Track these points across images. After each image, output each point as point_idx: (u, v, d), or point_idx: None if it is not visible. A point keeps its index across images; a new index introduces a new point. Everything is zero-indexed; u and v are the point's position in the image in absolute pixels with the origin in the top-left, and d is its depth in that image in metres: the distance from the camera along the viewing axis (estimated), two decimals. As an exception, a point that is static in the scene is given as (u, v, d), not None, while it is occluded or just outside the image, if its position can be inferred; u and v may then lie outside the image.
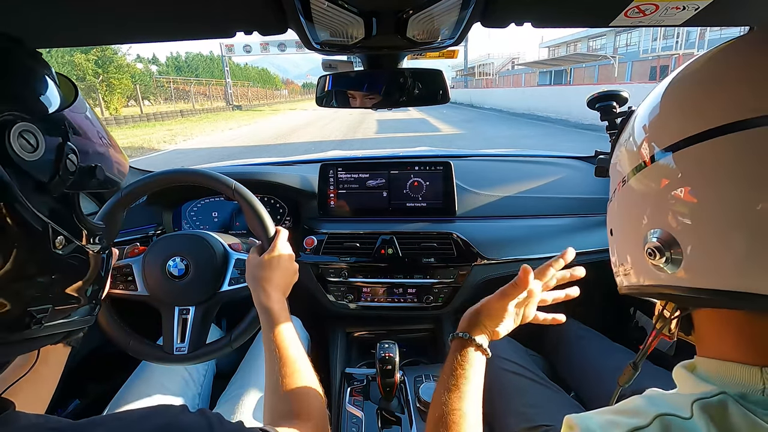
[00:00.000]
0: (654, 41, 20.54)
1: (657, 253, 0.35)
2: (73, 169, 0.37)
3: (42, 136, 0.34)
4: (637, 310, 1.30)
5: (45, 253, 0.35)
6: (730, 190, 0.30)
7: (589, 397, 0.89)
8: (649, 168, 0.36)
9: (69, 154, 0.36)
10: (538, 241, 1.11)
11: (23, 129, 0.32)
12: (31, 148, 0.33)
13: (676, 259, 0.34)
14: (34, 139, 0.33)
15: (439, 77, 0.75)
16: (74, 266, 0.38)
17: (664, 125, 0.36)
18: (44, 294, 0.35)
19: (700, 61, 0.37)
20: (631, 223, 0.40)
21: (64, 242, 0.36)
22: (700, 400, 0.32)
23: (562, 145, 7.89)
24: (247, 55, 29.63)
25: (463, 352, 0.55)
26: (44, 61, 0.40)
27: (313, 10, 0.43)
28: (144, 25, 0.48)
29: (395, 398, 0.92)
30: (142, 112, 20.93)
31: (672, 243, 0.34)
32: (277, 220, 1.24)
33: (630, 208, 0.40)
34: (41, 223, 0.34)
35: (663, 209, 0.35)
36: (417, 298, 1.11)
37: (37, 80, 0.37)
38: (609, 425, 0.34)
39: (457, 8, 0.45)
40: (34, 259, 0.34)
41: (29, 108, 0.34)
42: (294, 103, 44.26)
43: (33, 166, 0.33)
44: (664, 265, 0.35)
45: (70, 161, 0.36)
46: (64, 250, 0.36)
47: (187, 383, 0.86)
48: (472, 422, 0.49)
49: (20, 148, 0.32)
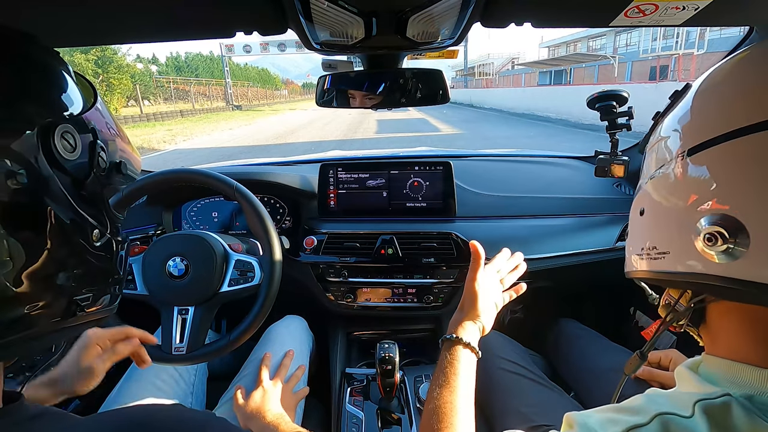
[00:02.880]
0: (654, 41, 20.52)
1: (718, 239, 0.32)
2: (104, 165, 0.39)
3: (78, 136, 0.36)
4: (637, 310, 1.30)
5: (86, 246, 0.36)
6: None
7: (589, 397, 0.89)
8: (724, 146, 0.33)
9: (100, 152, 0.38)
10: (538, 241, 1.11)
11: (64, 131, 0.34)
12: (71, 148, 0.35)
13: (739, 249, 0.31)
14: (73, 139, 0.35)
15: (439, 77, 0.75)
16: (106, 257, 0.40)
17: (757, 97, 0.33)
18: (85, 283, 0.37)
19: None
20: (681, 204, 0.36)
21: (98, 235, 0.38)
22: (703, 400, 0.32)
23: (562, 145, 7.89)
24: (247, 55, 29.63)
25: (452, 351, 0.58)
26: (64, 61, 0.40)
27: (313, 10, 0.43)
28: (144, 26, 0.48)
29: (395, 398, 0.92)
30: (142, 112, 20.91)
31: (739, 229, 0.31)
32: (277, 220, 1.24)
33: (684, 186, 0.36)
34: (82, 218, 0.36)
35: (734, 191, 0.32)
36: (417, 298, 1.11)
37: (64, 82, 0.38)
38: (608, 423, 0.34)
39: (457, 8, 0.45)
40: (77, 251, 0.36)
41: (63, 110, 0.36)
42: (294, 103, 44.25)
43: (74, 165, 0.35)
44: (718, 254, 0.32)
45: (101, 158, 0.38)
46: (99, 242, 0.38)
47: (178, 383, 0.86)
48: (463, 414, 0.52)
49: (63, 149, 0.34)
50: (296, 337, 1.00)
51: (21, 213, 0.30)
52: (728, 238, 0.32)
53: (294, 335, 1.00)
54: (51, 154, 0.32)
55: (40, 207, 0.32)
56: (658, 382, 0.78)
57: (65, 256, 0.34)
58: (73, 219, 0.35)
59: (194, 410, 0.39)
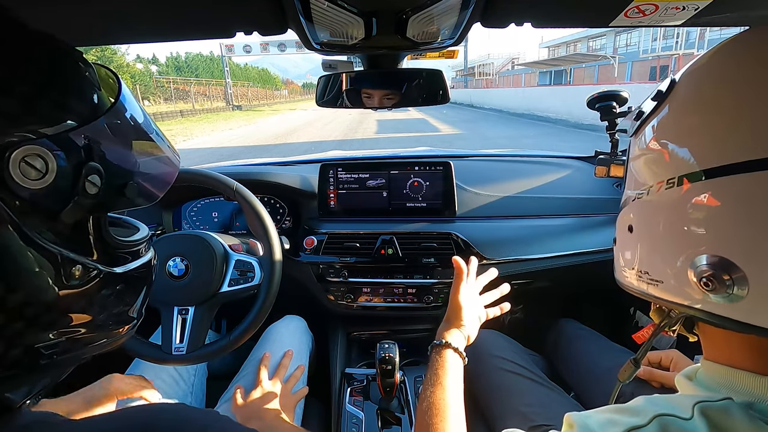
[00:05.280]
0: (654, 41, 20.54)
1: (714, 283, 0.30)
2: (94, 191, 0.31)
3: (53, 157, 0.28)
4: (637, 310, 1.30)
5: (52, 288, 0.30)
6: None
7: (589, 397, 0.89)
8: (743, 177, 0.28)
9: (90, 175, 0.31)
10: (538, 241, 1.11)
11: (27, 153, 0.27)
12: (38, 174, 0.28)
13: (737, 296, 0.29)
14: (42, 162, 0.28)
15: (439, 77, 0.75)
16: (91, 294, 0.33)
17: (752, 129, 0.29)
18: (51, 327, 0.31)
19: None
20: (675, 236, 0.33)
21: (81, 271, 0.32)
22: (703, 402, 0.31)
23: (562, 145, 7.89)
24: (247, 55, 29.63)
25: (441, 354, 0.63)
26: (78, 53, 0.33)
27: (313, 10, 0.43)
28: (144, 26, 0.47)
29: (395, 398, 0.92)
30: (142, 112, 20.90)
31: (741, 280, 0.29)
32: (277, 220, 1.24)
33: (676, 217, 0.33)
34: (47, 256, 0.29)
35: (736, 233, 0.29)
36: (417, 298, 1.11)
37: (52, 82, 0.30)
38: (608, 424, 0.33)
39: (457, 8, 0.44)
40: (37, 294, 0.30)
41: (31, 124, 0.28)
42: (294, 104, 44.26)
43: (38, 193, 0.28)
44: (714, 295, 0.30)
45: (90, 183, 0.31)
46: (83, 279, 0.32)
47: (178, 383, 0.86)
48: (455, 409, 0.55)
49: (21, 174, 0.27)
50: (296, 337, 1.00)
51: None
52: (725, 285, 0.30)
53: (294, 335, 1.00)
54: (4, 182, 0.26)
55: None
56: (658, 382, 0.78)
57: (20, 304, 0.28)
58: (30, 258, 0.28)
59: (197, 409, 0.38)
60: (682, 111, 0.35)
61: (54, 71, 0.31)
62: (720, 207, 0.30)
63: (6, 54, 0.28)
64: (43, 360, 0.31)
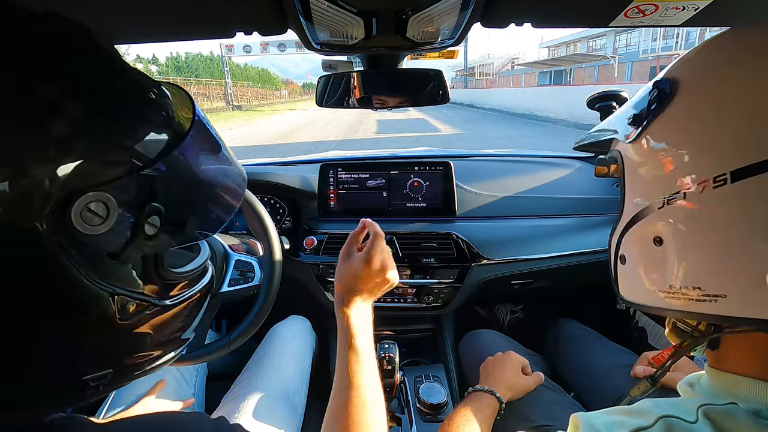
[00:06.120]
0: (654, 41, 20.54)
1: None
2: (152, 233, 0.29)
3: (115, 203, 0.26)
4: (636, 311, 1.30)
5: (100, 324, 0.29)
6: None
7: (589, 397, 0.89)
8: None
9: (150, 216, 0.29)
10: (538, 241, 1.11)
11: (90, 201, 0.25)
12: (100, 220, 0.26)
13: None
14: (103, 208, 0.26)
15: (439, 77, 0.75)
16: (137, 327, 0.32)
17: None
18: (101, 361, 0.31)
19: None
20: (745, 238, 0.28)
21: (135, 306, 0.31)
22: (707, 405, 0.31)
23: (562, 145, 7.86)
24: (247, 56, 29.63)
25: (477, 395, 0.73)
26: (152, 81, 0.30)
27: (313, 10, 0.43)
28: (144, 26, 0.48)
29: (395, 398, 0.92)
30: (142, 112, 20.87)
31: None
32: (277, 220, 1.24)
33: (741, 216, 0.28)
34: (99, 294, 0.28)
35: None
36: (417, 298, 1.11)
37: (131, 119, 0.28)
38: (614, 425, 0.33)
39: (457, 8, 0.45)
40: (85, 332, 0.29)
41: (108, 166, 0.26)
42: (294, 104, 44.26)
43: (98, 239, 0.26)
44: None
45: (150, 225, 0.29)
46: (137, 313, 0.31)
47: (180, 383, 0.86)
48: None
49: (83, 223, 0.25)
50: (299, 337, 1.00)
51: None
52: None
53: (297, 336, 1.00)
54: (64, 230, 0.25)
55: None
56: (659, 382, 0.78)
57: (71, 340, 0.28)
58: (83, 298, 0.27)
59: (206, 418, 0.37)
60: (703, 108, 0.31)
61: (124, 107, 0.28)
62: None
63: (73, 84, 0.26)
64: (88, 390, 0.31)
